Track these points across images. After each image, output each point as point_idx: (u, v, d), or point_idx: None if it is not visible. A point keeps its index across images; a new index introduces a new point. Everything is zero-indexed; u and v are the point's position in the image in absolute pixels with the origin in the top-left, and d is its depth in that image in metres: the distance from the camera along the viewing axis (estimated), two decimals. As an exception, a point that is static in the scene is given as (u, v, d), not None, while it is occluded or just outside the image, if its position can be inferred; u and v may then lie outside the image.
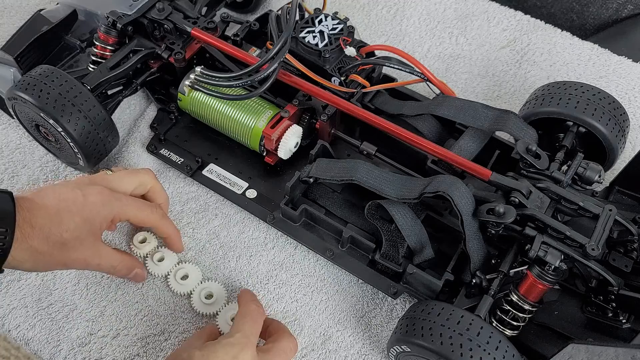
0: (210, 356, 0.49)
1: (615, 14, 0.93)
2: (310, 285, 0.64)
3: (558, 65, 0.82)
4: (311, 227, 0.64)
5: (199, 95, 0.67)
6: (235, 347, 0.50)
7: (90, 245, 0.55)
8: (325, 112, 0.64)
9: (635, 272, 0.56)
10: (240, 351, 0.50)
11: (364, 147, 0.64)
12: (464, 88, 0.80)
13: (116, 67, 0.68)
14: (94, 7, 0.73)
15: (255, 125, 0.65)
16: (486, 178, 0.58)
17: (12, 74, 0.70)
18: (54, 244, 0.51)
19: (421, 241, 0.60)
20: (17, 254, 0.49)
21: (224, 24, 0.75)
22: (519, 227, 0.55)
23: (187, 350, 0.50)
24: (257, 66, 0.62)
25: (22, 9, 0.87)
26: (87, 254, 0.55)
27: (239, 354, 0.49)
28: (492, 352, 0.48)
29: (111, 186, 0.58)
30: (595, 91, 0.63)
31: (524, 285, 0.54)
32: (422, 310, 0.53)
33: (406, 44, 0.85)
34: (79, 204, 0.54)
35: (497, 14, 0.87)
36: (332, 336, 0.61)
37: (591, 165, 0.58)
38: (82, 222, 0.54)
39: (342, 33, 0.68)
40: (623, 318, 0.54)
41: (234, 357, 0.49)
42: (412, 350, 0.52)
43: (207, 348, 0.50)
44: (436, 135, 0.66)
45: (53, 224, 0.52)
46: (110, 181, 0.59)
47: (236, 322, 0.53)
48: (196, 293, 0.62)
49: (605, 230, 0.53)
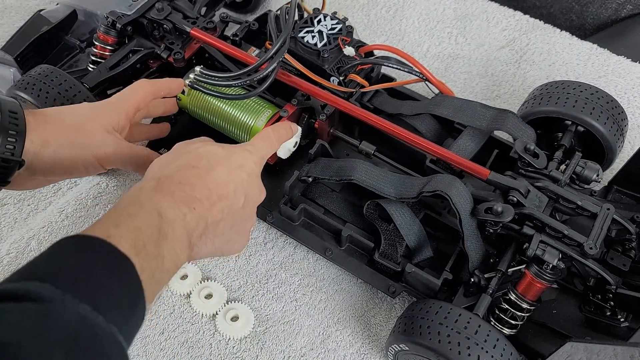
0: (232, 156, 0.49)
1: (614, 14, 0.93)
2: (310, 285, 0.64)
3: (557, 65, 0.82)
4: (310, 226, 0.64)
5: (199, 95, 0.67)
6: (248, 154, 0.51)
7: (102, 134, 0.55)
8: (324, 111, 0.64)
9: (633, 271, 0.56)
10: (247, 160, 0.51)
11: (362, 147, 0.64)
12: (463, 88, 0.81)
13: (116, 66, 0.68)
14: (93, 7, 0.74)
15: (254, 124, 0.65)
16: (484, 177, 0.58)
17: (12, 74, 0.70)
18: (69, 128, 0.53)
19: (420, 240, 0.60)
20: (33, 136, 0.50)
21: (223, 24, 0.75)
22: (517, 226, 0.55)
23: (206, 145, 0.50)
24: (256, 66, 0.62)
25: (22, 9, 0.87)
26: (98, 139, 0.55)
27: (246, 162, 0.50)
28: (490, 351, 0.48)
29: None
30: (594, 90, 0.63)
31: (522, 284, 0.54)
32: (421, 309, 0.53)
33: (405, 43, 0.85)
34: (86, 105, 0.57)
35: (496, 13, 0.87)
36: (331, 335, 0.61)
37: (589, 164, 0.58)
38: (90, 109, 0.56)
39: (341, 33, 0.68)
40: (621, 317, 0.55)
41: (245, 159, 0.50)
42: (411, 349, 0.52)
43: (227, 147, 0.50)
44: (435, 135, 0.66)
45: (66, 110, 0.54)
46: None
47: (252, 139, 0.54)
48: (195, 293, 0.62)
49: (603, 229, 0.53)
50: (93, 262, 0.35)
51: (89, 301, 0.33)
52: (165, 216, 0.41)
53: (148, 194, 0.43)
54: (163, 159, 0.49)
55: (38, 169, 0.52)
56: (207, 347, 0.60)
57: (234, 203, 0.48)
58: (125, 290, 0.36)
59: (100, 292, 0.34)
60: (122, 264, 0.36)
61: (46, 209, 0.68)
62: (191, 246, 0.44)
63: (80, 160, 0.54)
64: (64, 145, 0.52)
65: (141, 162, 0.59)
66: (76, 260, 0.35)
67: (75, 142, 0.53)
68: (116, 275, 0.36)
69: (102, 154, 0.55)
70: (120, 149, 0.56)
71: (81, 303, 0.32)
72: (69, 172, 0.55)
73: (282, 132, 0.58)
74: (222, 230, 0.47)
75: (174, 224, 0.42)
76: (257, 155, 0.52)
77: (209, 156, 0.48)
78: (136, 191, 0.43)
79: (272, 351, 0.60)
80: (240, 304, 0.62)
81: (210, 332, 0.61)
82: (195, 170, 0.46)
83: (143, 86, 0.60)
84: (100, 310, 0.33)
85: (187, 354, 0.59)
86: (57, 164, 0.53)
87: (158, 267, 0.39)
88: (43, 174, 0.53)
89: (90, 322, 0.32)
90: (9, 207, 0.68)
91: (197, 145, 0.50)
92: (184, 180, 0.45)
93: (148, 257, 0.38)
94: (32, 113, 0.51)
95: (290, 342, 0.60)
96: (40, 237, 0.65)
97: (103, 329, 0.33)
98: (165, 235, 0.40)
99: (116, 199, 0.69)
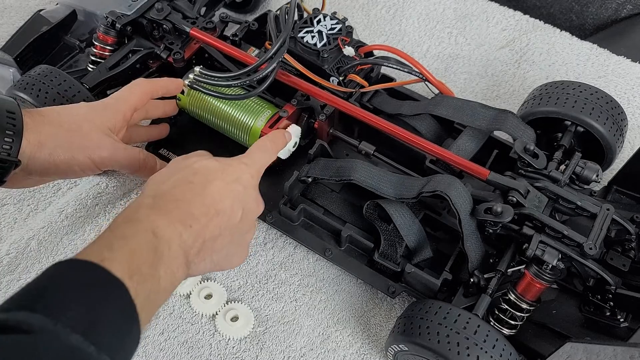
0: (228, 169, 0.49)
1: (614, 14, 0.93)
2: (309, 285, 0.64)
3: (557, 65, 0.82)
4: (310, 226, 0.64)
5: (198, 95, 0.67)
6: (245, 167, 0.51)
7: (99, 137, 0.55)
8: (324, 111, 0.64)
9: (633, 271, 0.56)
10: (243, 173, 0.50)
11: (362, 147, 0.64)
12: (462, 88, 0.81)
13: (115, 67, 0.68)
14: (93, 7, 0.74)
15: (254, 124, 0.65)
16: (484, 177, 0.58)
17: (11, 74, 0.70)
18: (65, 129, 0.53)
19: (419, 240, 0.60)
20: (30, 137, 0.50)
21: (223, 24, 0.75)
22: (516, 226, 0.55)
23: (202, 159, 0.50)
24: (255, 66, 0.62)
25: (22, 9, 0.87)
26: (94, 141, 0.55)
27: (242, 175, 0.50)
28: (489, 351, 0.48)
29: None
30: (594, 90, 0.63)
31: (522, 284, 0.54)
32: (420, 309, 0.53)
33: (405, 44, 0.85)
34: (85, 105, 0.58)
35: (496, 14, 0.87)
36: (331, 336, 0.61)
37: (589, 164, 0.58)
38: (87, 110, 0.55)
39: (341, 33, 0.68)
40: (621, 317, 0.55)
41: (242, 172, 0.50)
42: (410, 349, 0.52)
43: (223, 161, 0.50)
44: (434, 135, 0.66)
45: (64, 111, 0.54)
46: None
47: (248, 151, 0.54)
48: (195, 293, 0.62)
49: (603, 230, 0.53)
50: (85, 288, 0.35)
51: (80, 330, 0.32)
52: (160, 235, 0.41)
53: (144, 212, 0.42)
54: (159, 176, 0.48)
55: (34, 169, 0.52)
56: (207, 348, 0.60)
57: (231, 218, 0.47)
58: (119, 316, 0.36)
59: (93, 319, 0.34)
60: (116, 289, 0.36)
61: (46, 209, 0.68)
62: (188, 264, 0.43)
63: (76, 162, 0.54)
64: (60, 147, 0.52)
65: (137, 165, 0.59)
66: (68, 287, 0.35)
67: (72, 144, 0.53)
68: (109, 300, 0.35)
69: (97, 156, 0.55)
70: (116, 151, 0.56)
71: (72, 333, 0.32)
72: (64, 173, 0.55)
73: (278, 141, 0.58)
74: (220, 246, 0.47)
75: (170, 242, 0.41)
76: (253, 167, 0.51)
77: (204, 171, 0.48)
78: (133, 209, 0.43)
79: (272, 351, 0.60)
80: (240, 304, 0.62)
81: (210, 333, 0.61)
82: (191, 185, 0.46)
83: (141, 85, 0.60)
84: (92, 339, 0.33)
85: (187, 354, 0.59)
86: (52, 166, 0.53)
87: (153, 288, 0.39)
88: (39, 174, 0.53)
89: (82, 353, 0.32)
90: (9, 207, 0.68)
91: (193, 160, 0.49)
92: (180, 197, 0.45)
93: (143, 279, 0.38)
94: (29, 113, 0.51)
95: (290, 342, 0.60)
96: (40, 237, 0.65)
97: (95, 358, 0.32)
98: (162, 255, 0.40)
99: (116, 199, 0.69)
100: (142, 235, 0.40)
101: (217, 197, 0.46)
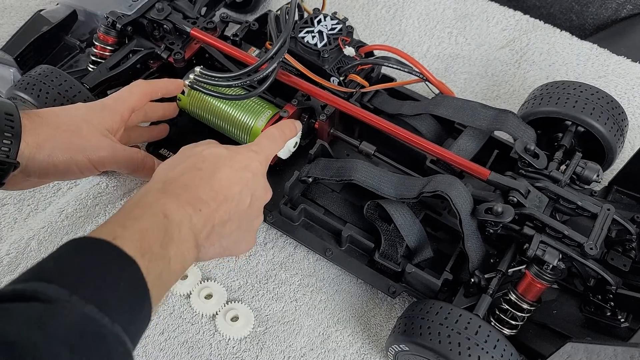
0: (236, 156, 0.50)
1: (614, 14, 0.93)
2: (310, 285, 0.64)
3: (557, 65, 0.82)
4: (310, 226, 0.64)
5: (198, 96, 0.67)
6: (253, 154, 0.51)
7: (97, 137, 0.55)
8: (324, 112, 0.64)
9: (633, 272, 0.56)
10: (252, 160, 0.51)
11: (362, 147, 0.64)
12: (463, 88, 0.81)
13: (116, 67, 0.68)
14: (93, 7, 0.74)
15: (254, 125, 0.65)
16: (485, 177, 0.58)
17: (12, 74, 0.70)
18: (64, 131, 0.53)
19: (420, 241, 0.60)
20: (28, 139, 0.50)
21: (224, 24, 0.75)
22: (517, 226, 0.55)
23: (210, 146, 0.51)
24: (256, 66, 0.62)
25: (22, 9, 0.87)
26: (92, 142, 0.55)
27: (251, 163, 0.50)
28: (490, 351, 0.48)
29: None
30: (594, 90, 0.63)
31: (523, 285, 0.54)
32: (421, 309, 0.53)
33: (405, 44, 0.85)
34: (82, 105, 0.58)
35: (496, 13, 0.87)
36: (331, 335, 0.61)
37: (589, 164, 0.58)
38: (86, 111, 0.56)
39: (341, 33, 0.68)
40: (621, 317, 0.55)
41: (250, 159, 0.50)
42: (411, 349, 0.52)
43: (232, 148, 0.51)
44: (435, 135, 0.66)
45: (62, 112, 0.54)
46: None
47: (257, 139, 0.55)
48: (195, 293, 0.62)
49: (604, 230, 0.53)
50: (99, 264, 0.36)
51: (94, 302, 0.33)
52: (171, 218, 0.41)
53: (154, 196, 0.43)
54: (168, 163, 0.49)
55: (32, 171, 0.52)
56: (207, 347, 0.60)
57: (240, 204, 0.48)
58: (131, 292, 0.36)
59: (106, 294, 0.34)
60: (128, 266, 0.37)
61: (46, 209, 0.68)
62: (198, 247, 0.44)
63: (75, 163, 0.54)
64: (59, 148, 0.52)
65: (136, 165, 0.59)
66: (82, 262, 0.36)
67: (70, 145, 0.53)
68: (121, 277, 0.36)
69: (96, 157, 0.55)
70: (114, 152, 0.56)
71: (87, 304, 0.33)
72: (63, 175, 0.55)
73: (286, 131, 0.59)
74: (229, 231, 0.47)
75: (181, 225, 0.42)
76: (262, 155, 0.52)
77: (213, 158, 0.48)
78: (142, 194, 0.44)
79: (272, 351, 0.60)
80: (240, 304, 0.62)
81: (210, 333, 0.61)
82: (200, 172, 0.47)
83: (140, 86, 0.60)
84: (106, 311, 0.33)
85: (187, 354, 0.59)
86: (51, 167, 0.53)
87: (164, 268, 0.39)
88: (38, 175, 0.53)
89: (96, 322, 0.33)
90: (9, 207, 0.68)
91: (202, 148, 0.50)
92: (190, 182, 0.45)
93: (154, 258, 0.39)
94: (27, 115, 0.51)
95: (290, 342, 0.60)
96: (40, 237, 0.65)
97: (108, 329, 0.33)
98: (172, 236, 0.41)
99: (116, 199, 0.69)
100: (153, 216, 0.41)
101: (226, 183, 0.47)
